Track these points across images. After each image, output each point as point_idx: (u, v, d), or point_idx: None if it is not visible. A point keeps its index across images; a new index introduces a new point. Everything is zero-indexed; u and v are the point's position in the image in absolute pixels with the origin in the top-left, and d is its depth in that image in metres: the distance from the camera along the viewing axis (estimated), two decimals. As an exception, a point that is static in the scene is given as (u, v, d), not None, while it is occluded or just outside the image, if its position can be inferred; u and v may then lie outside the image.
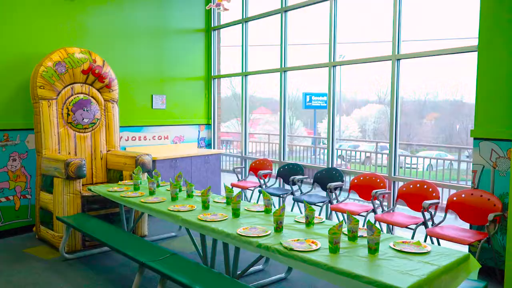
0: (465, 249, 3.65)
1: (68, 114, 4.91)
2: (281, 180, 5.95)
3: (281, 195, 5.51)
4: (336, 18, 5.36)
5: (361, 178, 4.95)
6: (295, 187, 5.49)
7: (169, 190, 4.10)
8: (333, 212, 5.07)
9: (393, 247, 2.47)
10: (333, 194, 5.01)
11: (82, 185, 4.73)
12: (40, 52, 5.03)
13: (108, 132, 5.28)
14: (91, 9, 5.57)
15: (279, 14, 6.03)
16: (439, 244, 3.87)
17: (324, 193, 5.33)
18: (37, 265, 4.04)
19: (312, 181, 5.55)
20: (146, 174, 4.96)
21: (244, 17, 6.59)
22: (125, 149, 5.99)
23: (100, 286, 3.56)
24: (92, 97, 5.13)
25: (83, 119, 5.02)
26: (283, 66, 6.06)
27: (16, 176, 4.99)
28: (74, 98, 4.97)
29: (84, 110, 5.02)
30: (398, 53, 4.73)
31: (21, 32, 4.96)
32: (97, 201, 4.56)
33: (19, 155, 5.00)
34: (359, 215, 4.44)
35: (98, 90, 5.18)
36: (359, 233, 2.66)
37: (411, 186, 4.43)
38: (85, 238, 4.42)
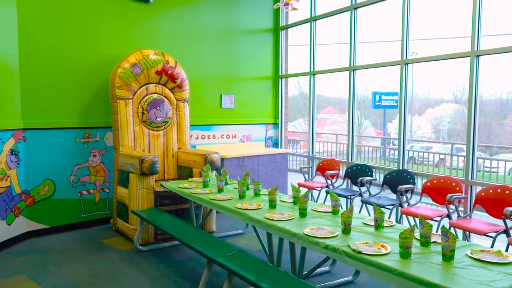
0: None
1: (143, 113, 5.17)
2: (349, 181, 5.83)
3: (349, 196, 5.39)
4: (409, 14, 5.15)
5: (435, 181, 4.71)
6: (364, 189, 5.35)
7: (236, 188, 4.17)
8: (404, 216, 4.87)
9: (470, 255, 2.32)
10: (404, 197, 4.82)
11: (155, 181, 4.95)
12: (118, 54, 5.34)
13: (179, 130, 5.48)
14: (164, 12, 5.81)
15: (349, 12, 5.90)
16: (522, 254, 3.58)
17: (394, 196, 5.14)
18: (113, 255, 4.29)
19: (381, 182, 5.38)
20: (214, 172, 5.08)
21: (312, 15, 6.54)
22: (195, 147, 6.18)
23: (170, 278, 3.71)
24: (165, 96, 5.35)
25: (156, 118, 5.25)
26: (352, 64, 5.92)
27: (96, 171, 5.33)
28: (149, 98, 5.21)
29: (157, 109, 5.25)
30: (477, 49, 4.45)
31: (102, 36, 5.29)
32: (168, 196, 4.75)
33: (99, 151, 5.34)
34: (432, 220, 4.24)
35: (170, 90, 5.40)
36: (433, 239, 2.54)
37: (491, 191, 4.14)
38: (157, 231, 4.62)
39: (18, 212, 4.70)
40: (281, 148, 7.28)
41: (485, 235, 3.79)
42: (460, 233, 4.33)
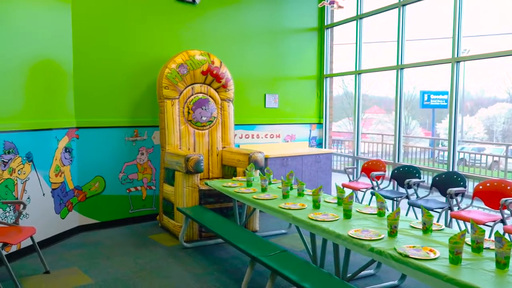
0: None
1: (188, 113, 5.27)
2: (395, 182, 5.68)
3: (395, 198, 5.25)
4: (461, 10, 4.94)
5: (488, 184, 4.50)
6: (411, 191, 5.19)
7: (280, 188, 4.17)
8: (453, 220, 4.69)
9: (527, 263, 2.20)
10: (454, 200, 4.63)
11: (200, 179, 5.03)
12: (165, 55, 5.47)
13: (224, 129, 5.55)
14: (210, 13, 5.89)
15: (397, 9, 5.75)
16: None
17: (443, 199, 4.96)
18: (159, 251, 4.41)
19: (429, 185, 5.20)
20: (258, 171, 5.10)
21: (358, 13, 6.41)
22: (239, 146, 6.23)
23: (213, 276, 3.76)
24: (210, 96, 5.43)
25: (201, 117, 5.34)
26: (400, 63, 5.76)
27: (144, 169, 5.50)
28: (194, 97, 5.31)
29: (202, 109, 5.33)
30: (536, 45, 4.20)
31: (150, 38, 5.44)
32: (213, 195, 4.82)
33: (146, 150, 5.50)
34: (484, 224, 4.05)
35: (215, 90, 5.47)
36: (485, 245, 2.42)
37: (550, 195, 3.90)
38: (202, 229, 4.70)
39: (71, 207, 4.93)
40: (325, 148, 7.20)
41: (543, 242, 3.57)
42: (515, 240, 4.11)
